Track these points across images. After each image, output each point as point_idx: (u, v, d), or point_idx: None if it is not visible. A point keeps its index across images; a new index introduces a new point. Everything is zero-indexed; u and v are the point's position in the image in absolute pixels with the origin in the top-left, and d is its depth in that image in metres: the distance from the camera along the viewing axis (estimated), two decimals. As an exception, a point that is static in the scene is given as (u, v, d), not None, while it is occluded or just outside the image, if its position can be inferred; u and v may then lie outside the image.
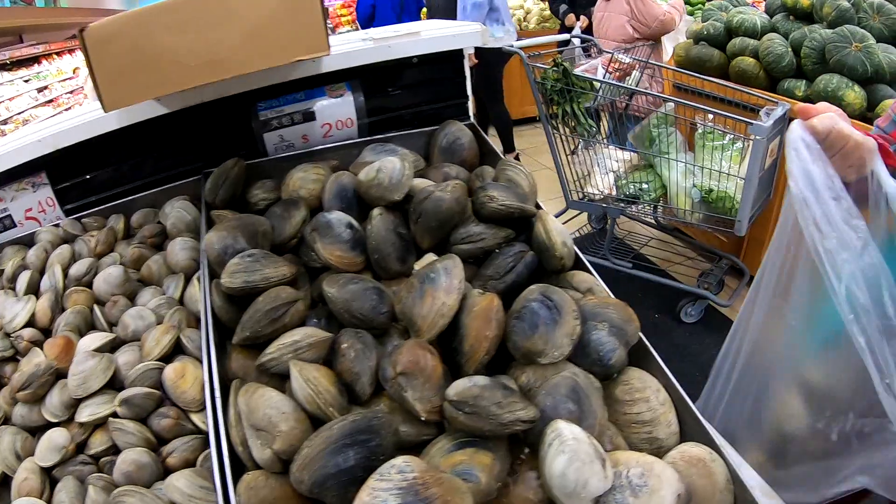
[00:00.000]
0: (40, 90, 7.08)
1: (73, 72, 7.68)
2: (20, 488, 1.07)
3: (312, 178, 1.39)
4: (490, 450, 0.92)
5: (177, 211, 1.47)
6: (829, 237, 0.99)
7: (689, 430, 1.07)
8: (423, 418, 0.94)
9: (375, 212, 1.23)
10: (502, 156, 1.51)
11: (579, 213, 3.38)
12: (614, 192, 2.65)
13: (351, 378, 1.01)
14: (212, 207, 1.40)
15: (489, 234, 1.23)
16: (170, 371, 1.12)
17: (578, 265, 1.27)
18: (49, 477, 1.11)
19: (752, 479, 1.01)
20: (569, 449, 0.86)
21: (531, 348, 1.04)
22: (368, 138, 1.59)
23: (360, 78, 1.62)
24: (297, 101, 1.58)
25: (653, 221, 3.21)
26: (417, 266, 1.24)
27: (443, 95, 1.70)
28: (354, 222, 1.25)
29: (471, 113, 1.70)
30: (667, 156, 2.48)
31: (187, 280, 1.35)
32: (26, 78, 7.01)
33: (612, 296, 1.20)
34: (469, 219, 1.28)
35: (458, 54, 1.70)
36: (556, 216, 1.24)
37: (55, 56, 7.77)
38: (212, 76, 1.21)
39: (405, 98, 1.68)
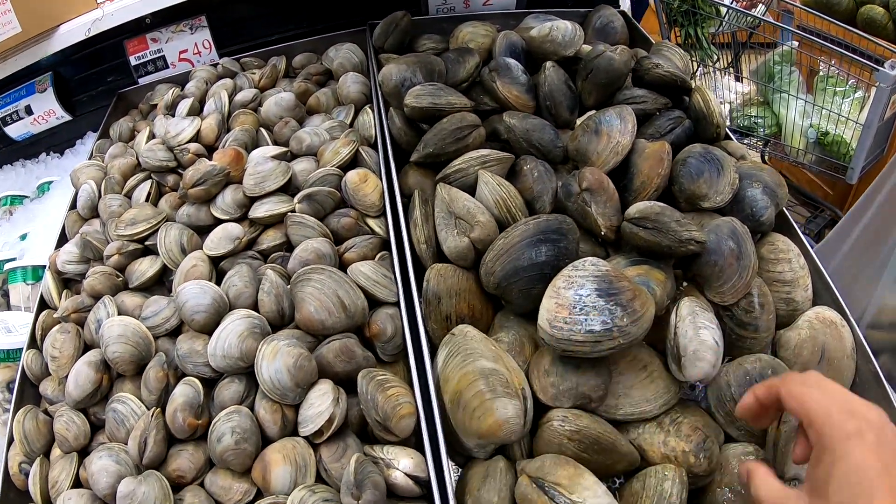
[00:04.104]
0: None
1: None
2: (188, 274, 1.12)
3: (482, 34, 1.45)
4: (662, 269, 0.98)
5: (344, 52, 1.54)
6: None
7: (823, 302, 1.11)
8: (602, 233, 1.01)
9: (548, 63, 1.28)
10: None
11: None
12: (728, 123, 2.64)
13: (532, 196, 1.08)
14: (379, 52, 1.46)
15: (651, 99, 1.27)
16: (353, 175, 1.19)
17: (727, 138, 1.31)
18: (216, 269, 1.17)
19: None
20: None
21: (696, 191, 1.09)
22: (526, 10, 1.62)
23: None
24: (464, -36, 1.63)
25: (758, 159, 3.18)
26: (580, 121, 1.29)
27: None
28: (527, 71, 1.30)
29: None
30: (786, 92, 2.45)
31: (356, 112, 1.41)
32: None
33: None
34: (629, 86, 1.33)
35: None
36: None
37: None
38: None
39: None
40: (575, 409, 0.87)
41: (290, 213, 1.17)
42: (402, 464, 0.89)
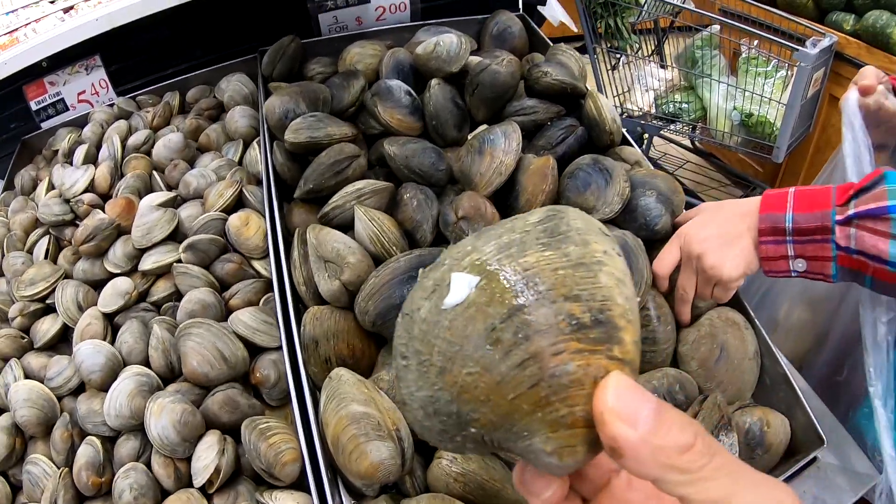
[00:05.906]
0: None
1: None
2: (83, 333, 1.12)
3: (370, 54, 1.41)
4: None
5: (234, 84, 1.50)
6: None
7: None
8: (481, 260, 0.98)
9: (434, 81, 1.25)
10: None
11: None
12: (653, 110, 2.64)
13: (412, 226, 1.05)
14: (269, 81, 1.42)
15: (542, 109, 1.25)
16: (234, 219, 1.16)
17: (624, 143, 1.29)
18: (111, 324, 1.16)
19: (783, 358, 1.03)
20: None
21: (583, 204, 1.07)
22: (421, 22, 1.59)
23: (414, -37, 1.61)
24: (352, -16, 1.59)
25: (689, 144, 3.19)
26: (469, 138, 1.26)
27: (494, -14, 1.69)
28: (412, 92, 1.27)
29: (520, 4, 1.69)
30: (709, 77, 2.45)
31: (246, 146, 1.38)
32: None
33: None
34: (522, 95, 1.30)
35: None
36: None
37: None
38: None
39: (458, -14, 1.67)
40: None
41: (175, 264, 1.15)
42: (287, 508, 0.87)
